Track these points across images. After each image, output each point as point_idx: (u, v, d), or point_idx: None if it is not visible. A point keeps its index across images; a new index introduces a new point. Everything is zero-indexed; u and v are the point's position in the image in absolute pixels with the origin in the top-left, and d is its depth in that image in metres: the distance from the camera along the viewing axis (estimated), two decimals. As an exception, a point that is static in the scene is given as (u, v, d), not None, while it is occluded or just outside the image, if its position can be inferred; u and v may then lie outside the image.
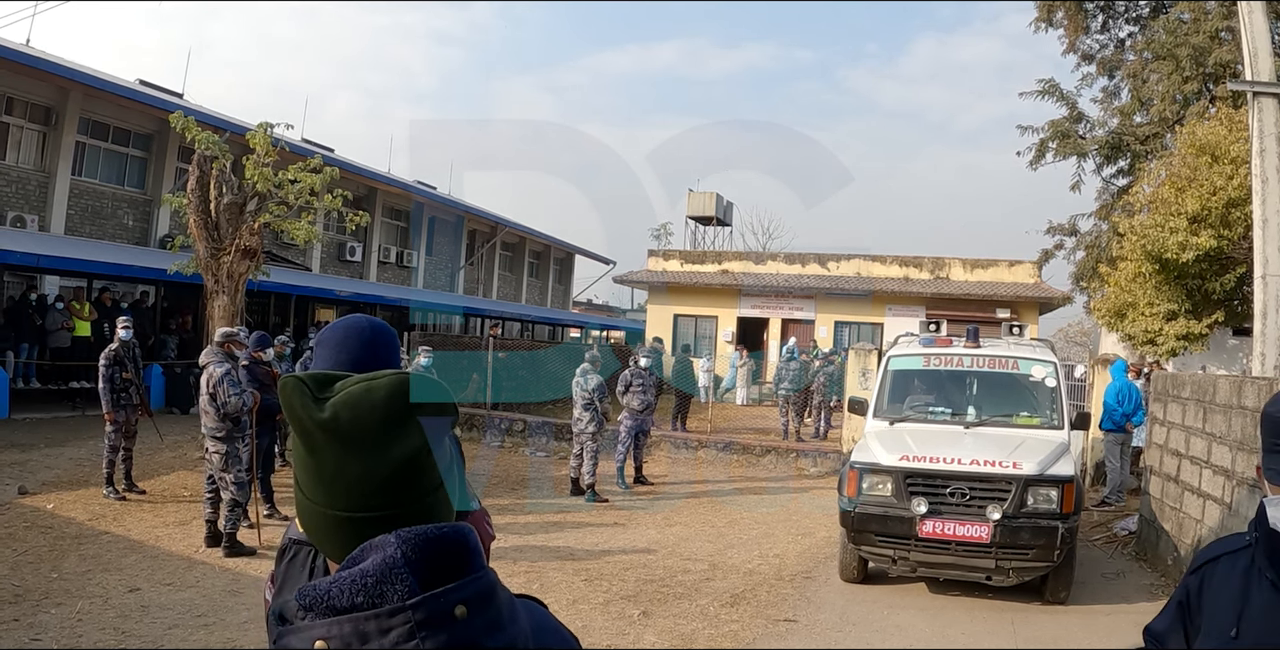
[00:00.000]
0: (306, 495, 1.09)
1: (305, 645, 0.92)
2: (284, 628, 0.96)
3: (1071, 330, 44.91)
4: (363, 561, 0.95)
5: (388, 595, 0.92)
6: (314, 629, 0.93)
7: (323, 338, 2.00)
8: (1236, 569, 1.75)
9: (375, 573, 0.93)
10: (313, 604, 0.94)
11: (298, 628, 0.94)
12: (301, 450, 1.08)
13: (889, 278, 27.00)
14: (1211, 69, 17.68)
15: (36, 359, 15.29)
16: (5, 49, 15.76)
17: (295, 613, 0.96)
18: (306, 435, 1.06)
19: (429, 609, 0.93)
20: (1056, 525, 6.68)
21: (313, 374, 1.11)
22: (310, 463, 1.07)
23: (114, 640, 5.53)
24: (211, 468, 7.89)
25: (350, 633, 0.91)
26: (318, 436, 1.05)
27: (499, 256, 37.58)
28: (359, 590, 0.93)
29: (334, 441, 1.04)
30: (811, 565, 8.27)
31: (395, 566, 0.94)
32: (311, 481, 1.08)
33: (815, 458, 14.07)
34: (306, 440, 1.07)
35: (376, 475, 1.04)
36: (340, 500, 1.06)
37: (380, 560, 0.94)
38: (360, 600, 0.92)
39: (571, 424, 11.63)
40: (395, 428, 1.05)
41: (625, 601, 6.86)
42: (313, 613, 0.94)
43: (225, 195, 11.63)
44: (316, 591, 0.94)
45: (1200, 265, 13.42)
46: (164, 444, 11.72)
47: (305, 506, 1.10)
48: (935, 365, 8.43)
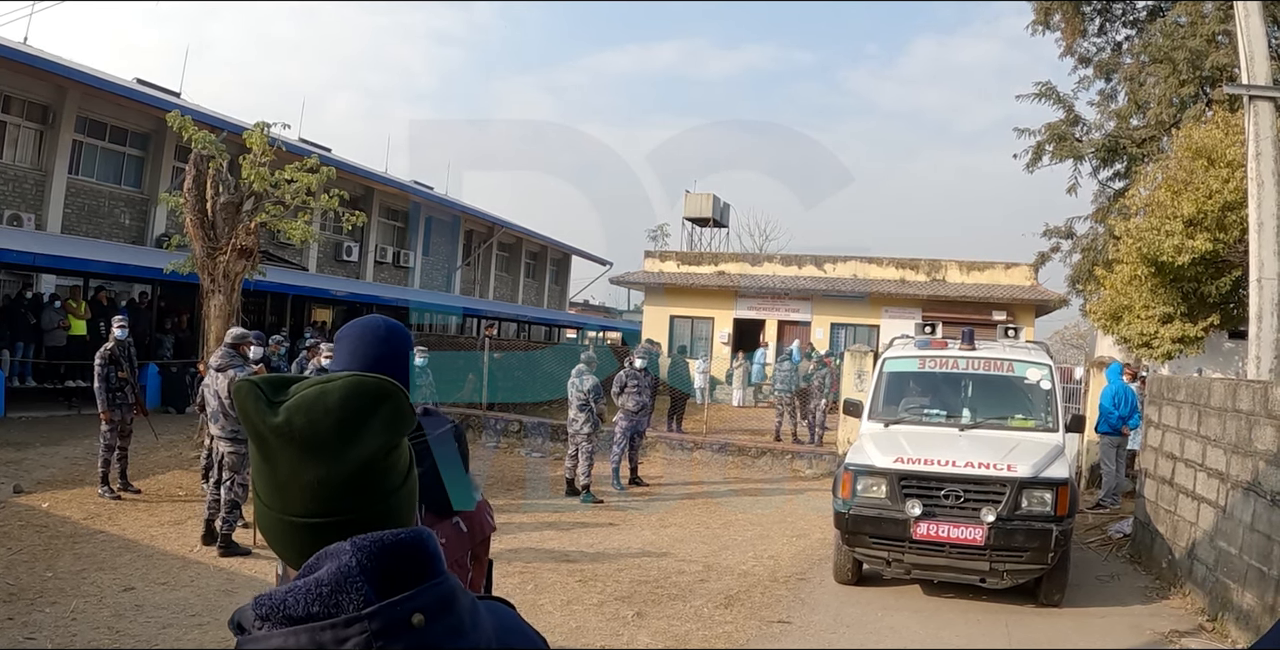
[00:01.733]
0: (264, 501, 1.08)
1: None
2: (242, 638, 0.95)
3: (1067, 333, 44.97)
4: (318, 570, 0.94)
5: (344, 604, 0.91)
6: (270, 640, 0.92)
7: (340, 335, 2.15)
8: None
9: (330, 581, 0.92)
10: (269, 613, 0.93)
11: (255, 638, 0.93)
12: (256, 455, 1.06)
13: (885, 279, 27.02)
14: (1208, 72, 17.71)
15: (32, 358, 15.27)
16: (3, 47, 15.74)
17: (252, 622, 0.94)
18: (260, 440, 1.04)
19: (385, 618, 0.91)
20: (1051, 528, 6.69)
21: (268, 377, 1.09)
22: (265, 468, 1.05)
23: (108, 639, 5.52)
24: (224, 469, 7.90)
25: (306, 643, 0.90)
26: (271, 441, 1.03)
27: (496, 257, 37.57)
28: (314, 599, 0.91)
29: (288, 446, 1.02)
30: (806, 567, 8.28)
31: (350, 575, 0.92)
32: (267, 487, 1.06)
33: (810, 459, 14.08)
34: (260, 445, 1.05)
35: (333, 480, 1.03)
36: (296, 506, 1.04)
37: (335, 569, 0.93)
38: (316, 610, 0.91)
39: (567, 425, 11.63)
40: (350, 431, 1.03)
41: (619, 602, 6.86)
42: (269, 622, 0.93)
43: (222, 194, 11.62)
44: (273, 601, 0.93)
45: (1196, 268, 13.45)
46: (159, 443, 11.70)
47: (262, 512, 1.08)
48: (930, 367, 8.44)
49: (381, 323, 2.13)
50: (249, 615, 0.95)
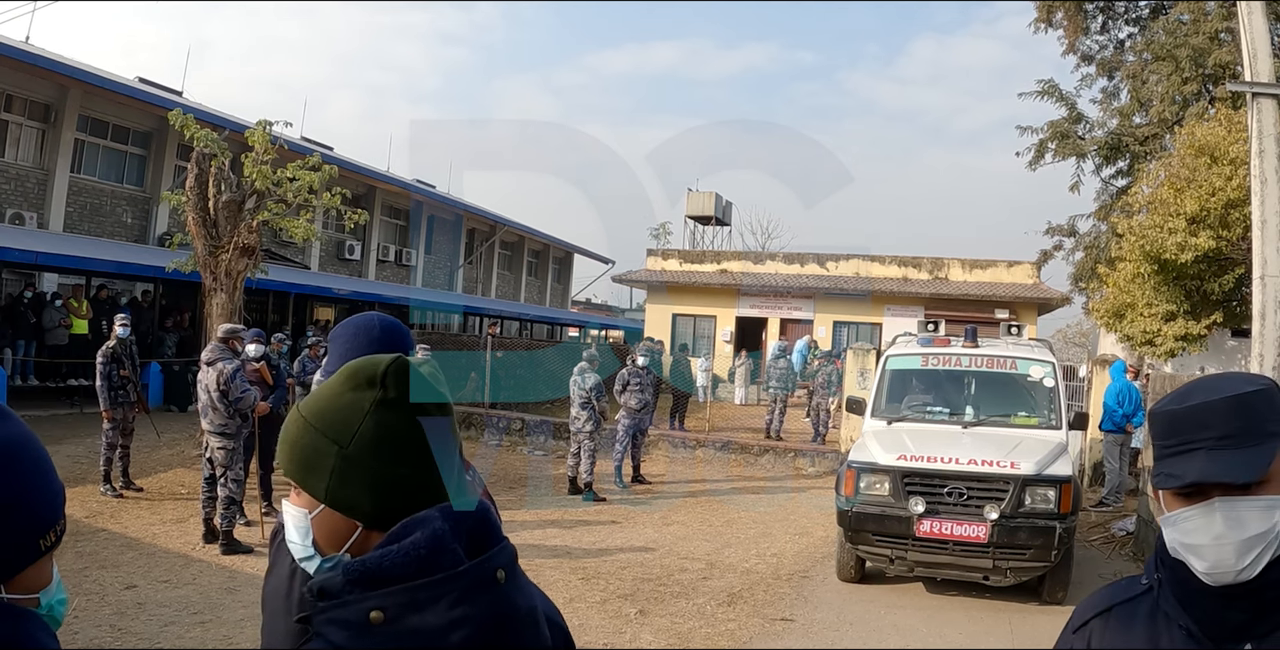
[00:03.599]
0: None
1: (358, 617, 1.00)
2: (329, 603, 1.03)
3: (1070, 331, 44.95)
4: (408, 536, 1.04)
5: (441, 563, 1.02)
6: (366, 601, 1.00)
7: (333, 335, 2.05)
8: (1136, 621, 1.41)
9: (427, 544, 1.03)
10: (362, 578, 1.02)
11: (346, 601, 1.01)
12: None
13: (888, 278, 26.98)
14: (1211, 70, 17.68)
15: (34, 356, 15.27)
16: (4, 46, 15.73)
17: (341, 587, 1.02)
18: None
19: (476, 575, 1.04)
20: (1054, 525, 6.68)
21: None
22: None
23: (110, 637, 5.52)
24: (215, 464, 7.88)
25: (405, 601, 1.00)
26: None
27: (498, 255, 37.55)
28: (413, 561, 1.02)
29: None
30: (809, 564, 8.27)
31: (445, 538, 1.04)
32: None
33: (813, 457, 14.07)
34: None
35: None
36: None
37: (431, 533, 1.04)
38: (413, 570, 1.01)
39: (570, 423, 11.63)
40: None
41: (622, 600, 6.85)
42: (360, 586, 1.02)
43: (224, 193, 11.61)
44: (365, 566, 1.02)
45: (1199, 266, 13.41)
46: (161, 441, 11.71)
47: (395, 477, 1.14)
48: (933, 365, 8.43)
49: (376, 321, 2.02)
50: (336, 580, 1.03)
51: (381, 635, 0.99)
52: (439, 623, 1.00)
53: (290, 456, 1.16)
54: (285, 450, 1.17)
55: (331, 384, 1.18)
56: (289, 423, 1.19)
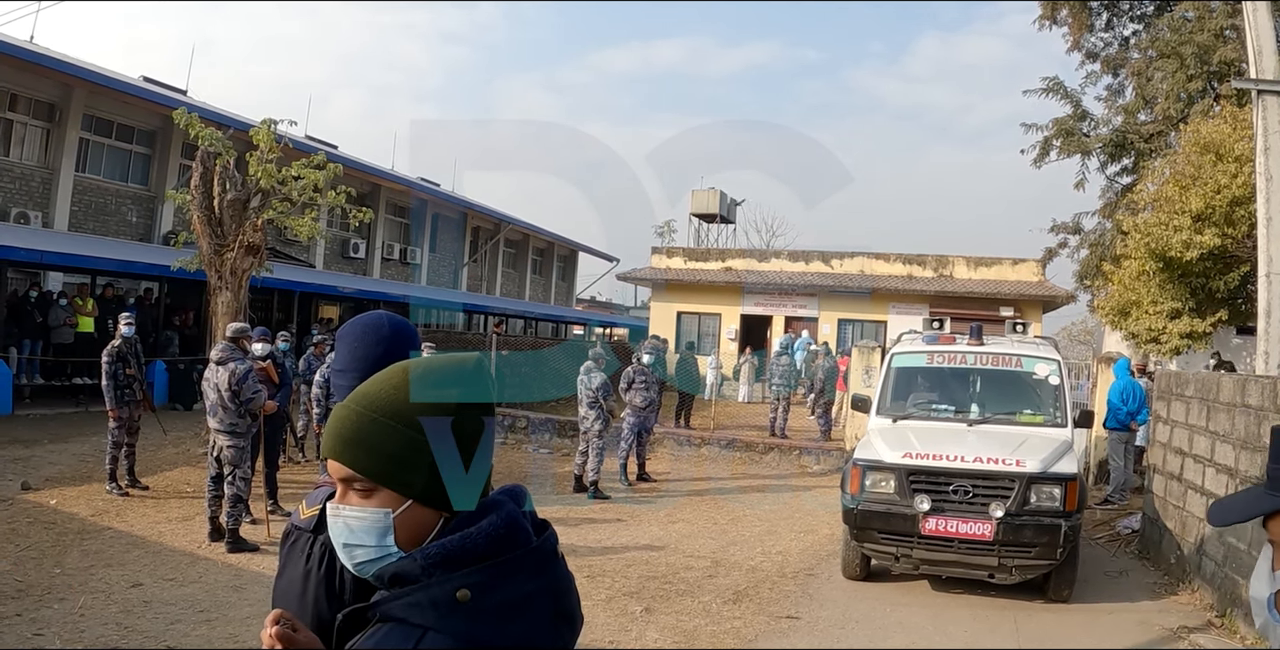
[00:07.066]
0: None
1: (445, 597, 1.07)
2: (408, 589, 1.10)
3: (1075, 329, 44.91)
4: (481, 520, 1.13)
5: (518, 541, 1.13)
6: (450, 582, 1.08)
7: (341, 334, 2.04)
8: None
9: (505, 524, 1.13)
10: (443, 561, 1.10)
11: (429, 585, 1.09)
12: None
13: (892, 276, 26.96)
14: (1216, 67, 17.60)
15: (40, 355, 15.31)
16: (9, 45, 15.78)
17: (421, 571, 1.10)
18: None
19: (546, 549, 1.16)
20: (1059, 523, 6.67)
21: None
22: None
23: (116, 635, 5.53)
24: (223, 463, 7.88)
25: (489, 578, 1.08)
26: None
27: (502, 253, 37.55)
28: (494, 540, 1.11)
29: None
30: (814, 562, 8.27)
31: (519, 518, 1.15)
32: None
33: (818, 455, 14.06)
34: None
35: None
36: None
37: (506, 515, 1.14)
38: (494, 550, 1.11)
39: (578, 422, 11.62)
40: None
41: (628, 598, 6.86)
42: (442, 568, 1.09)
43: (229, 192, 11.63)
44: (446, 550, 1.10)
45: (1204, 263, 13.36)
46: (167, 440, 11.73)
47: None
48: (938, 363, 8.42)
49: (385, 320, 2.00)
50: (414, 566, 1.11)
51: (468, 612, 1.07)
52: (519, 595, 1.10)
53: (374, 457, 1.16)
54: (363, 452, 1.16)
55: (405, 383, 1.20)
56: (358, 425, 1.17)
